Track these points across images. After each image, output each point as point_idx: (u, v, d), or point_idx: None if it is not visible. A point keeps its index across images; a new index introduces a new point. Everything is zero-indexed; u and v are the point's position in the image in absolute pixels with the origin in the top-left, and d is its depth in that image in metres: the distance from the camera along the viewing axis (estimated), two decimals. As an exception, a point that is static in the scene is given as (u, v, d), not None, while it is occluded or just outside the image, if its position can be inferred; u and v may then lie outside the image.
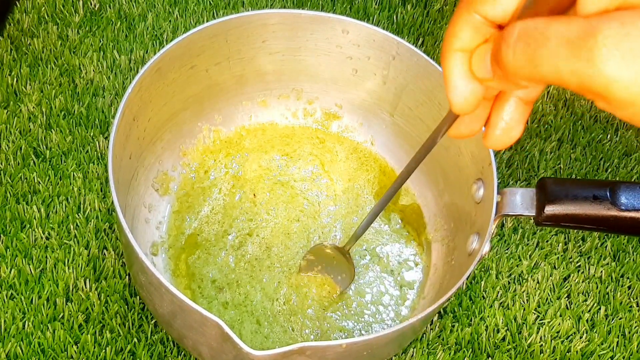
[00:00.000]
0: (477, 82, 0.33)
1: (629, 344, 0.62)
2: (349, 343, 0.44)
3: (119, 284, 0.59)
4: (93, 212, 0.63)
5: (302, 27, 0.62)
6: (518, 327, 0.62)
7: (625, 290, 0.65)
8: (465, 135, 0.38)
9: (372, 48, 0.62)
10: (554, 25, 0.27)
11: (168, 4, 0.79)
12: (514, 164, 0.71)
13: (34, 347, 0.56)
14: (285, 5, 0.82)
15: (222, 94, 0.65)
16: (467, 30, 0.32)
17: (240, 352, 0.43)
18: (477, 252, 0.52)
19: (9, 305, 0.57)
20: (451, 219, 0.62)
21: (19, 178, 0.64)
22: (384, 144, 0.69)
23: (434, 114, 0.61)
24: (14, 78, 0.70)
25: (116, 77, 0.72)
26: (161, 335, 0.58)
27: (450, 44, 0.33)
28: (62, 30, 0.75)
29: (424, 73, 0.60)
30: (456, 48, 0.33)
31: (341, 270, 0.61)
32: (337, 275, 0.61)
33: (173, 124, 0.63)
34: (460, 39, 0.33)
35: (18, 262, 0.59)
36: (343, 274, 0.61)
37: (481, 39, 0.33)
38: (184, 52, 0.58)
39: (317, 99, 0.69)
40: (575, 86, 0.27)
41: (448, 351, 0.60)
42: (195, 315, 0.44)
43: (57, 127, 0.68)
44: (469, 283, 0.64)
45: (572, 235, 0.67)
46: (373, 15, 0.81)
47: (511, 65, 0.29)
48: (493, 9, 0.31)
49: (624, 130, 0.75)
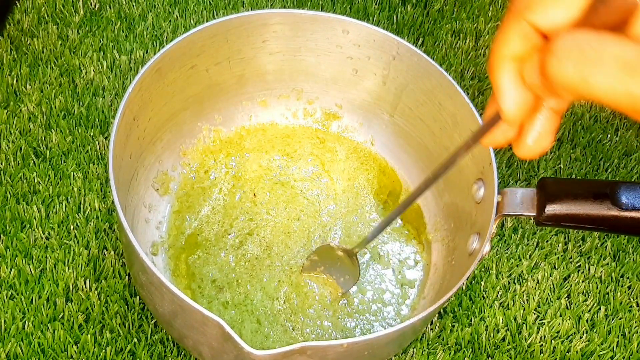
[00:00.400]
0: (529, 90, 0.33)
1: (629, 344, 0.62)
2: (349, 343, 0.44)
3: (119, 284, 0.59)
4: (93, 212, 0.63)
5: (303, 27, 0.62)
6: (518, 327, 0.62)
7: (625, 290, 0.65)
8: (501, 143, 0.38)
9: (373, 48, 0.62)
10: (609, 45, 0.28)
11: (168, 4, 0.79)
12: (514, 164, 0.71)
13: (34, 347, 0.56)
14: (285, 5, 0.82)
15: (222, 94, 0.65)
16: (516, 38, 0.33)
17: (241, 352, 0.43)
18: (477, 252, 0.52)
19: (9, 305, 0.57)
20: (451, 219, 0.62)
21: (19, 178, 0.64)
22: (384, 144, 0.69)
23: (434, 114, 0.62)
24: (14, 78, 0.70)
25: (116, 77, 0.72)
26: (161, 335, 0.58)
27: (500, 51, 0.33)
28: (62, 30, 0.75)
29: (424, 73, 0.60)
30: (506, 55, 0.33)
31: (345, 272, 0.60)
32: (340, 276, 0.61)
33: (173, 123, 0.63)
34: (509, 47, 0.33)
35: (18, 262, 0.59)
36: (346, 276, 0.60)
37: (531, 47, 0.32)
38: (185, 52, 0.58)
39: (317, 99, 0.69)
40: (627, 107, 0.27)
41: (448, 351, 0.60)
42: (196, 315, 0.44)
43: (57, 127, 0.68)
44: (469, 283, 0.64)
45: (572, 235, 0.67)
46: (373, 15, 0.81)
47: (559, 78, 0.29)
48: (543, 18, 0.31)
49: (624, 130, 0.75)
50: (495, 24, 0.82)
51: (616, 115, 0.76)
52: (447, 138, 0.61)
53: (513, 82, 0.33)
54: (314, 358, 0.46)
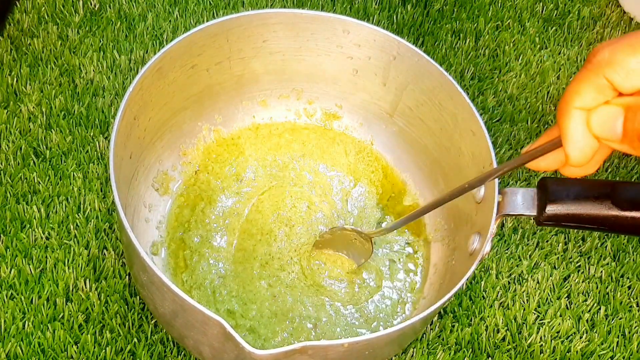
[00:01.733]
0: (595, 139, 0.36)
1: (629, 344, 0.62)
2: (350, 342, 0.44)
3: (119, 284, 0.59)
4: (93, 212, 0.63)
5: (303, 27, 0.62)
6: (518, 327, 0.62)
7: (625, 290, 0.65)
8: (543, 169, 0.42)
9: (373, 48, 0.62)
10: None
11: (168, 4, 0.79)
12: (514, 164, 0.71)
13: (34, 347, 0.56)
14: (285, 5, 0.82)
15: (223, 93, 0.65)
16: (591, 92, 0.35)
17: (242, 352, 0.43)
18: (478, 252, 0.52)
19: (9, 305, 0.57)
20: (452, 219, 0.62)
21: (19, 178, 0.64)
22: (384, 144, 0.69)
23: (434, 114, 0.62)
24: (14, 78, 0.70)
25: (116, 77, 0.72)
26: (161, 335, 0.58)
27: (572, 101, 0.36)
28: (62, 30, 0.75)
29: (424, 73, 0.60)
30: (577, 106, 0.36)
31: (355, 249, 0.61)
32: (351, 253, 0.61)
33: (173, 123, 0.63)
34: (583, 98, 0.35)
35: (18, 262, 0.59)
36: (357, 252, 0.61)
37: (602, 101, 0.35)
38: (185, 52, 0.58)
39: (317, 99, 0.69)
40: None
41: (448, 351, 0.60)
42: (197, 314, 0.44)
43: (57, 127, 0.68)
44: (469, 283, 0.64)
45: (572, 235, 0.67)
46: (373, 15, 0.81)
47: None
48: (623, 80, 0.34)
49: (624, 130, 0.75)
50: (495, 24, 0.83)
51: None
52: (447, 138, 0.61)
53: (582, 132, 0.36)
54: (314, 358, 0.46)
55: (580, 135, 0.36)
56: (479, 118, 0.56)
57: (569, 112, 0.36)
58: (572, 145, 0.36)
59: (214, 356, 0.51)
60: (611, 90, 0.35)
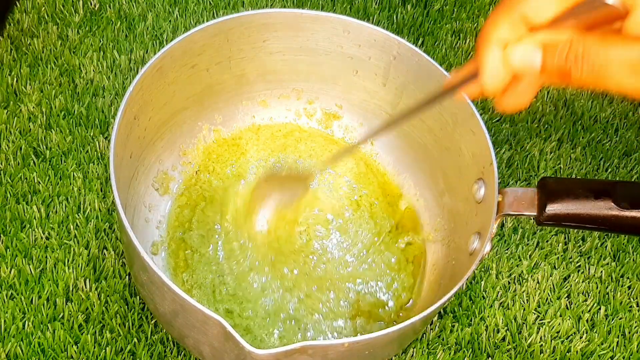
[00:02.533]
0: (509, 70, 0.38)
1: (629, 344, 0.62)
2: (350, 342, 0.44)
3: (119, 284, 0.59)
4: (93, 212, 0.63)
5: (303, 27, 0.62)
6: (518, 327, 0.62)
7: (625, 290, 0.65)
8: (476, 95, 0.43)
9: (373, 48, 0.62)
10: (613, 50, 0.34)
11: (168, 4, 0.79)
12: (514, 164, 0.71)
13: (34, 347, 0.56)
14: (285, 5, 0.82)
15: (223, 93, 0.65)
16: (506, 25, 0.38)
17: (242, 351, 0.43)
18: (478, 252, 0.52)
19: (9, 305, 0.57)
20: (451, 219, 0.62)
21: (19, 178, 0.64)
22: (384, 144, 0.69)
23: (435, 114, 0.62)
24: (14, 78, 0.70)
25: (116, 77, 0.72)
26: (161, 335, 0.57)
27: (489, 34, 0.38)
28: (62, 30, 0.75)
29: (424, 73, 0.60)
30: (494, 38, 0.38)
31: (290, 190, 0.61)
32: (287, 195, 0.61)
33: (173, 123, 0.63)
34: (499, 32, 0.38)
35: (18, 262, 0.59)
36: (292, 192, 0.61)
37: (515, 34, 0.38)
38: (185, 52, 0.58)
39: (317, 99, 0.69)
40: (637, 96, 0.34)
41: (448, 351, 0.60)
42: (197, 314, 0.44)
43: (57, 127, 0.68)
44: (469, 283, 0.64)
45: (572, 235, 0.67)
46: (373, 15, 0.81)
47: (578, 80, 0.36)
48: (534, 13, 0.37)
49: (624, 130, 0.75)
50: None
51: (616, 115, 0.76)
52: (447, 138, 0.61)
53: (496, 61, 0.38)
54: (314, 357, 0.46)
55: (494, 66, 0.38)
56: (479, 118, 0.56)
57: (485, 43, 0.38)
58: (486, 74, 0.39)
59: (214, 356, 0.51)
60: (524, 27, 0.38)
